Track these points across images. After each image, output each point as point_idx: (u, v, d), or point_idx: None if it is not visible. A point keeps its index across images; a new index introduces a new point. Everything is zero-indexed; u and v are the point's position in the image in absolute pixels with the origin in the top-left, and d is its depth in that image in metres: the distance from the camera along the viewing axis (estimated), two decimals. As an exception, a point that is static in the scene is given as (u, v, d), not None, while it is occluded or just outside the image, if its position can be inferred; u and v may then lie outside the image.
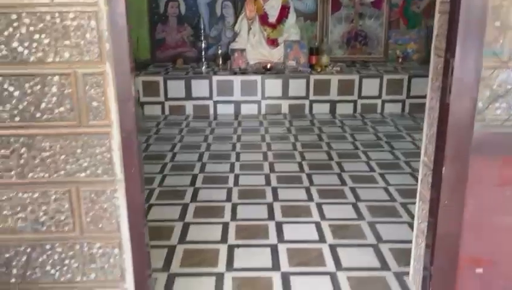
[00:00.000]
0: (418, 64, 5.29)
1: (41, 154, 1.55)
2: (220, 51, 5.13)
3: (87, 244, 1.64)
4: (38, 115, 1.52)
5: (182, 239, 2.45)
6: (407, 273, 2.11)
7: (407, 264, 2.15)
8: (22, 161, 1.55)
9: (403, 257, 2.25)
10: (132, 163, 1.59)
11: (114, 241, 1.64)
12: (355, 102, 4.91)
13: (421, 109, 4.80)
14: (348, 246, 2.38)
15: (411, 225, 2.57)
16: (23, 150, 1.55)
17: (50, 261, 1.65)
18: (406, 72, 4.91)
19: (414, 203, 2.81)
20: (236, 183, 3.18)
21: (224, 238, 2.46)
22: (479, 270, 1.69)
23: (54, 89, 1.50)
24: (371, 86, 4.86)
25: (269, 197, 2.95)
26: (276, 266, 2.21)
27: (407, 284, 2.06)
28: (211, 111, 4.88)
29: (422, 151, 1.90)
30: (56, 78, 1.50)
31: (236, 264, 2.22)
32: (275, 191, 3.04)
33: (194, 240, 2.45)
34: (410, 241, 2.37)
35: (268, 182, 3.18)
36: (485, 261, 1.68)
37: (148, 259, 1.74)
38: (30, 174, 1.57)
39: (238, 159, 3.64)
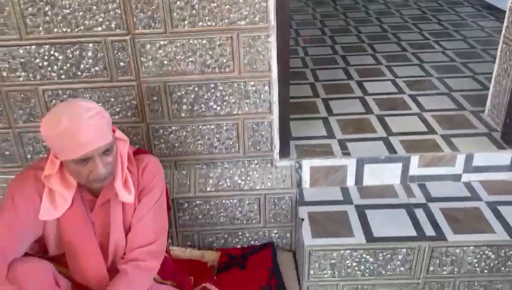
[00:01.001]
0: None
1: (210, 5, 1.85)
2: None
3: (243, 83, 2.00)
4: (209, -31, 1.79)
5: (280, 95, 2.83)
6: (482, 111, 2.52)
7: (481, 105, 2.55)
8: (193, 11, 1.86)
9: (475, 101, 2.64)
10: (284, 11, 1.89)
11: (265, 79, 2.00)
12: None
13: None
14: (425, 95, 2.76)
15: (474, 78, 2.96)
16: (195, 1, 1.84)
17: (213, 98, 2.03)
18: None
19: (473, 62, 3.18)
20: (306, 54, 3.50)
21: (315, 94, 2.84)
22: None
23: None
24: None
25: (341, 63, 3.29)
26: (369, 110, 2.61)
27: (483, 118, 2.48)
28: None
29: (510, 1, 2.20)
30: None
31: (335, 111, 2.63)
32: (344, 58, 3.37)
33: (291, 96, 2.81)
34: (477, 90, 2.78)
35: (335, 52, 3.51)
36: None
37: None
38: (200, 23, 1.88)
39: (298, 34, 3.92)
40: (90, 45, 1.88)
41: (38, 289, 1.48)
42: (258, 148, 2.14)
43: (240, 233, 2.26)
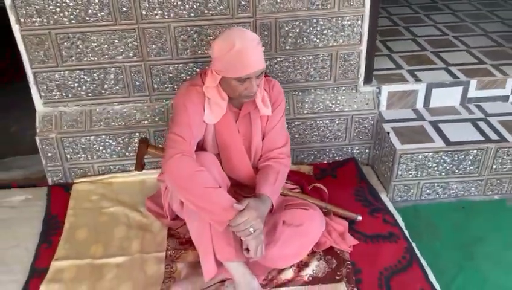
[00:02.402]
0: None
1: (320, -50, 2.22)
2: None
3: (341, 17, 2.38)
4: None
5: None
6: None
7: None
8: (306, -44, 2.22)
9: None
10: (378, -45, 2.28)
11: (359, 14, 2.38)
12: None
13: None
14: (467, 36, 3.21)
15: (503, 23, 3.41)
16: None
17: (314, 32, 2.41)
18: None
19: (501, 10, 3.62)
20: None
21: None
22: None
23: None
24: None
25: (384, 13, 3.70)
26: (423, 48, 3.04)
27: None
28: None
29: None
30: None
31: (394, 50, 3.04)
32: (384, 9, 3.78)
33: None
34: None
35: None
36: None
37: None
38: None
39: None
40: (218, -15, 2.24)
41: (218, 173, 1.87)
42: (346, 76, 2.54)
43: (328, 150, 2.68)
